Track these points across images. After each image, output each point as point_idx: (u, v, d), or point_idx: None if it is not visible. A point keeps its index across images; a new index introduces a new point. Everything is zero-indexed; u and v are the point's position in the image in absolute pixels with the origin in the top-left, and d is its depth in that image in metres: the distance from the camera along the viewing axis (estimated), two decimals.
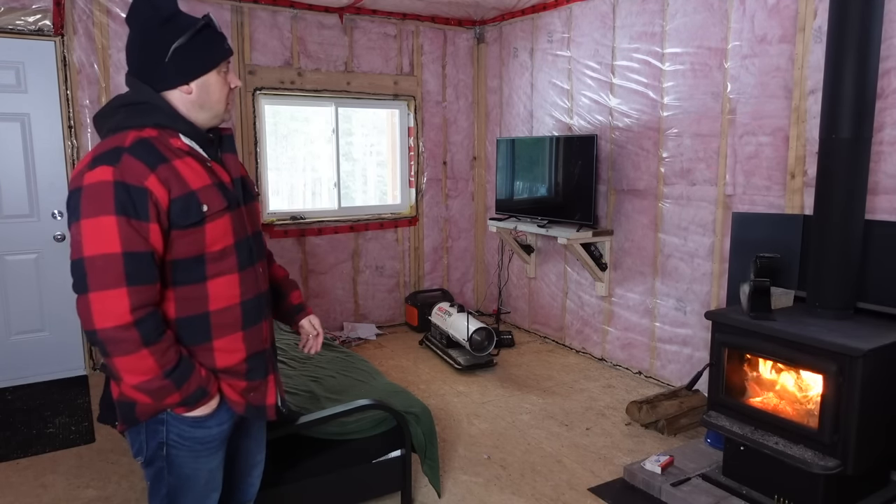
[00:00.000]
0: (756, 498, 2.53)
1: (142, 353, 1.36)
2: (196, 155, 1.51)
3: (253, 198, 1.70)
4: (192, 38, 1.47)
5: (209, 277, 1.50)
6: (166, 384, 1.41)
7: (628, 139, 4.04)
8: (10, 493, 2.76)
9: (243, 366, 1.59)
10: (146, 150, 1.41)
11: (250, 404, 1.63)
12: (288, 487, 2.32)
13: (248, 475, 1.86)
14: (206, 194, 1.47)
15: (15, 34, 3.77)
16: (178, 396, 1.44)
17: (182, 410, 1.48)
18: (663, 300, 3.90)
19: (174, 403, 1.45)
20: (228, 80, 1.56)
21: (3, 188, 3.88)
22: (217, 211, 1.48)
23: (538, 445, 3.19)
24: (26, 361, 4.03)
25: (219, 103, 1.55)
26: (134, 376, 1.38)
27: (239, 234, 1.56)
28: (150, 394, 1.42)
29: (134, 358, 1.36)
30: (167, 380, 1.40)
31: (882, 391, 2.31)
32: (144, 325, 1.36)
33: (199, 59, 1.50)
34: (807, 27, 3.01)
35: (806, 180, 3.07)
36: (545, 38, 4.67)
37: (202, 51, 1.49)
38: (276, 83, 4.56)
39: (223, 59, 1.54)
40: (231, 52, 1.57)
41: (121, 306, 1.33)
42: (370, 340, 4.96)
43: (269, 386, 1.67)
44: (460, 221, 5.56)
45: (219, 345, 1.54)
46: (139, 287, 1.36)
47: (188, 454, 1.55)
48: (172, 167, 1.43)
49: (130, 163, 1.37)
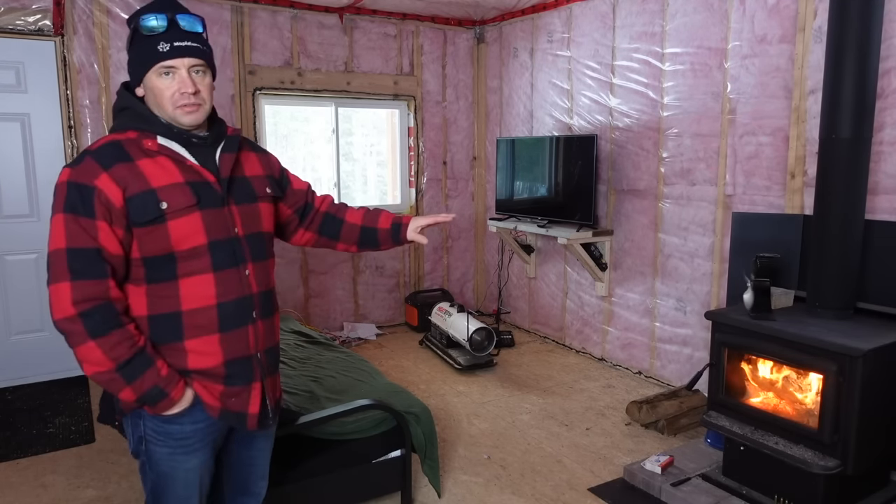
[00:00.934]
0: (756, 498, 2.53)
1: (89, 344, 1.41)
2: (171, 154, 1.51)
3: (254, 199, 1.65)
4: (133, 39, 1.51)
5: (180, 276, 1.50)
6: (116, 377, 1.44)
7: (628, 139, 4.04)
8: (10, 492, 2.76)
9: (221, 370, 1.56)
10: (109, 152, 1.46)
11: (228, 410, 1.59)
12: (288, 487, 2.32)
13: (253, 485, 1.83)
14: (169, 192, 1.47)
15: (15, 34, 3.77)
16: (132, 392, 1.46)
17: (149, 410, 1.52)
18: (663, 300, 3.90)
19: (130, 400, 1.48)
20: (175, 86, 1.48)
21: (3, 188, 3.88)
22: (181, 209, 1.48)
23: (538, 445, 3.19)
24: (26, 361, 4.03)
25: (167, 105, 1.49)
26: (87, 366, 1.44)
27: (215, 234, 1.53)
28: (105, 385, 1.48)
29: (83, 349, 1.42)
30: (117, 373, 1.43)
31: (882, 391, 2.31)
32: (90, 318, 1.41)
33: (135, 63, 1.52)
34: (807, 27, 3.01)
35: (806, 180, 3.07)
36: (545, 38, 4.68)
37: (136, 54, 1.51)
38: (276, 83, 4.56)
39: (154, 63, 1.47)
40: (169, 55, 1.47)
41: (65, 299, 1.40)
42: (370, 340, 4.96)
43: (253, 394, 1.62)
44: (460, 221, 5.56)
45: (191, 346, 1.52)
46: (82, 282, 1.40)
47: (164, 450, 1.57)
48: (134, 166, 1.46)
49: (87, 164, 1.44)
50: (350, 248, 1.95)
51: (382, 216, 1.92)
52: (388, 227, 1.91)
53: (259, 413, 1.64)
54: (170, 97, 1.49)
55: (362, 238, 1.92)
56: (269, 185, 1.72)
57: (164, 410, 1.51)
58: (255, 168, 1.70)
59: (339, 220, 1.91)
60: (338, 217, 1.91)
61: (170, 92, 1.48)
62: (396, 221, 1.91)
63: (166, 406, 1.50)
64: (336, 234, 1.91)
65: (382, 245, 1.93)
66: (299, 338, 3.62)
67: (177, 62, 1.48)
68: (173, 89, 1.48)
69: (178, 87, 1.48)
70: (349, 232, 1.91)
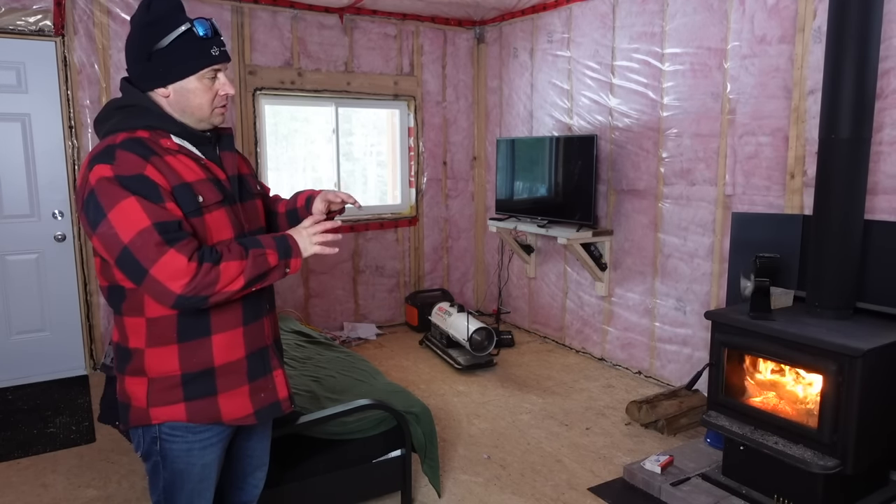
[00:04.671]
0: (756, 497, 2.53)
1: (220, 268, 1.41)
2: (188, 153, 1.53)
3: (252, 196, 1.70)
4: (173, 42, 1.48)
5: None
6: (252, 258, 1.46)
7: (628, 139, 4.04)
8: (10, 492, 2.77)
9: (244, 363, 1.59)
10: (137, 145, 1.45)
11: (263, 407, 1.62)
12: (288, 487, 2.32)
13: (251, 475, 1.86)
14: (201, 187, 1.50)
15: (16, 34, 3.77)
16: (273, 253, 1.49)
17: (296, 263, 1.55)
18: (663, 300, 3.90)
19: (274, 261, 1.50)
20: (216, 88, 1.54)
21: (4, 188, 3.88)
22: (213, 203, 1.51)
23: (538, 445, 3.20)
24: (27, 361, 4.03)
25: (199, 109, 1.53)
26: (236, 283, 1.44)
27: (237, 230, 1.57)
28: (255, 274, 1.47)
29: (223, 277, 1.42)
30: (247, 257, 1.45)
31: (881, 391, 2.31)
32: (205, 257, 1.40)
33: (177, 65, 1.50)
34: (806, 27, 3.02)
35: (805, 180, 3.07)
36: (545, 38, 4.68)
37: (180, 56, 1.49)
38: (276, 83, 4.57)
39: (204, 67, 1.51)
40: (220, 59, 1.53)
41: (179, 264, 1.36)
42: (370, 340, 4.96)
43: (278, 380, 1.67)
44: (460, 221, 5.56)
45: (218, 340, 1.54)
46: (181, 243, 1.38)
47: (182, 447, 1.56)
48: (164, 161, 1.46)
49: (124, 156, 1.41)
50: None
51: (300, 196, 1.89)
52: (304, 204, 1.89)
53: (288, 395, 1.70)
54: (211, 99, 1.54)
55: (290, 224, 1.89)
56: (257, 182, 1.79)
57: (297, 245, 1.55)
58: (245, 166, 1.74)
59: (274, 214, 1.91)
60: (273, 212, 1.91)
61: (212, 93, 1.53)
62: (310, 195, 1.87)
63: (293, 241, 1.55)
64: (276, 228, 1.91)
65: None
66: (299, 338, 3.62)
67: (222, 66, 1.55)
68: (214, 91, 1.54)
69: (221, 89, 1.55)
70: (282, 223, 1.91)
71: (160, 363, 1.51)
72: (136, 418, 1.54)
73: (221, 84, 1.55)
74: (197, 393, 1.53)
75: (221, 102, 1.56)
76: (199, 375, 1.53)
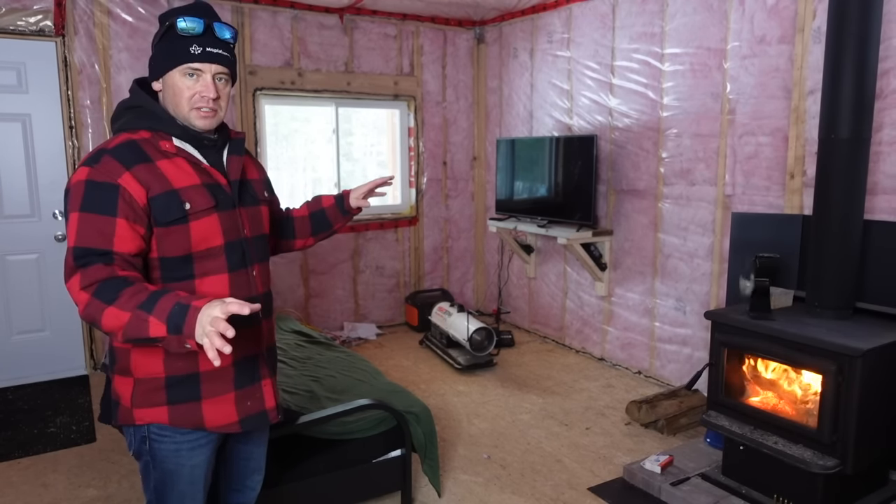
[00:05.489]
0: (755, 497, 2.54)
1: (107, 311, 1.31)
2: (187, 156, 1.53)
3: (257, 202, 1.70)
4: (164, 36, 1.51)
5: (197, 276, 1.52)
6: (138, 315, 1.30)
7: (628, 139, 4.05)
8: (11, 492, 2.77)
9: (230, 370, 1.57)
10: (128, 151, 1.46)
11: (248, 416, 1.61)
12: (288, 487, 2.32)
13: (248, 478, 1.85)
14: (191, 193, 1.49)
15: (16, 35, 3.77)
16: (157, 321, 1.29)
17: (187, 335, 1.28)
18: (663, 300, 3.91)
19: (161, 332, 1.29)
20: (198, 88, 1.50)
21: (5, 188, 3.89)
22: (202, 210, 1.50)
23: (538, 445, 3.20)
24: (27, 361, 4.03)
25: (184, 105, 1.51)
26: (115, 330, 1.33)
27: (230, 236, 1.56)
28: (134, 334, 1.32)
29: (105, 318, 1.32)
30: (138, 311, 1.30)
31: (881, 391, 2.32)
32: (100, 292, 1.34)
33: (160, 59, 1.53)
34: (806, 28, 3.02)
35: (805, 180, 3.07)
36: (545, 38, 4.68)
37: (163, 50, 1.52)
38: (276, 83, 4.57)
39: (179, 64, 1.49)
40: (199, 59, 1.49)
41: (75, 289, 1.37)
42: (370, 340, 4.97)
43: (266, 389, 1.66)
44: (460, 221, 5.56)
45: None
46: (89, 268, 1.37)
47: (170, 447, 1.56)
48: (154, 167, 1.47)
49: (108, 162, 1.44)
50: (307, 242, 1.99)
51: (324, 198, 1.97)
52: (333, 203, 1.95)
53: (276, 406, 1.69)
54: (189, 98, 1.50)
55: (314, 226, 1.96)
56: (266, 188, 1.79)
57: (194, 324, 1.27)
58: (254, 172, 1.74)
59: (289, 219, 1.96)
60: (286, 217, 1.96)
61: (190, 92, 1.50)
62: (338, 195, 1.96)
63: (192, 316, 1.27)
64: (291, 232, 1.96)
65: (335, 223, 1.97)
66: (299, 337, 3.62)
67: (205, 66, 1.50)
68: (194, 90, 1.50)
69: (201, 89, 1.50)
70: (301, 226, 1.96)
71: (145, 364, 1.51)
72: (122, 417, 1.56)
73: (204, 85, 1.50)
74: (180, 397, 1.53)
75: (199, 104, 1.50)
76: (184, 379, 1.53)
